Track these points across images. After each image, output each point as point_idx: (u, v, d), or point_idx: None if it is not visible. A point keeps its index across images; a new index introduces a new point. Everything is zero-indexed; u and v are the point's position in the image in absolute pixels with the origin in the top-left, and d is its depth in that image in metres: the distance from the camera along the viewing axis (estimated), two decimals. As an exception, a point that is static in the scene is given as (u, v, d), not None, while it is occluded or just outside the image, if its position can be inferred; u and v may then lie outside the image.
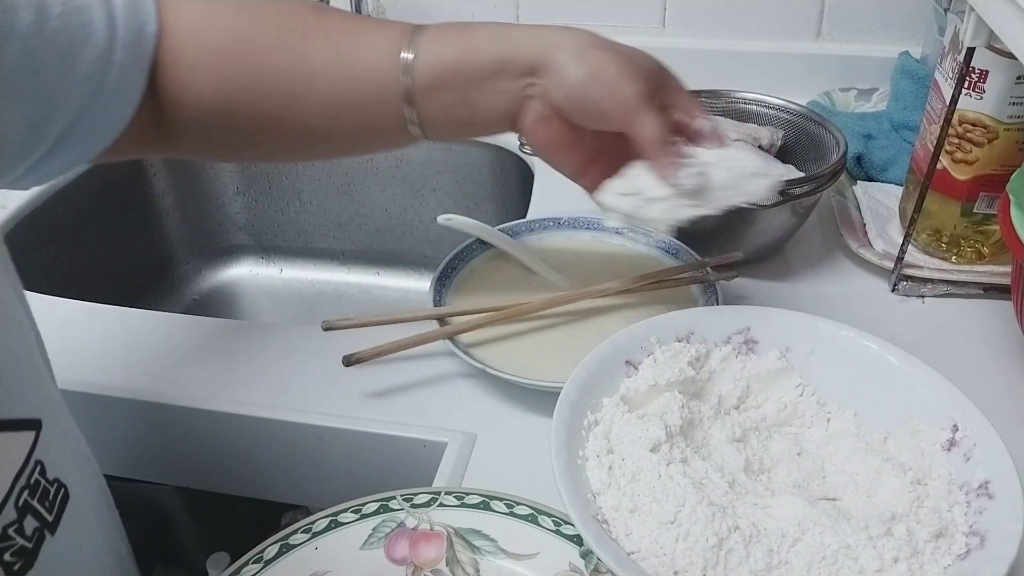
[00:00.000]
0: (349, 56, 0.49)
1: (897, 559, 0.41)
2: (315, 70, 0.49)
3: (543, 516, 0.47)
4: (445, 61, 0.49)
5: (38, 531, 0.37)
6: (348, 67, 0.49)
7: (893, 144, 0.83)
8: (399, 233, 1.09)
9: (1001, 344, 0.64)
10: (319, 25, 0.49)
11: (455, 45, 0.49)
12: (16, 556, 0.36)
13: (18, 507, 0.36)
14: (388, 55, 0.49)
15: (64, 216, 0.92)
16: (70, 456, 0.42)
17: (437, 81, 0.49)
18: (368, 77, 0.49)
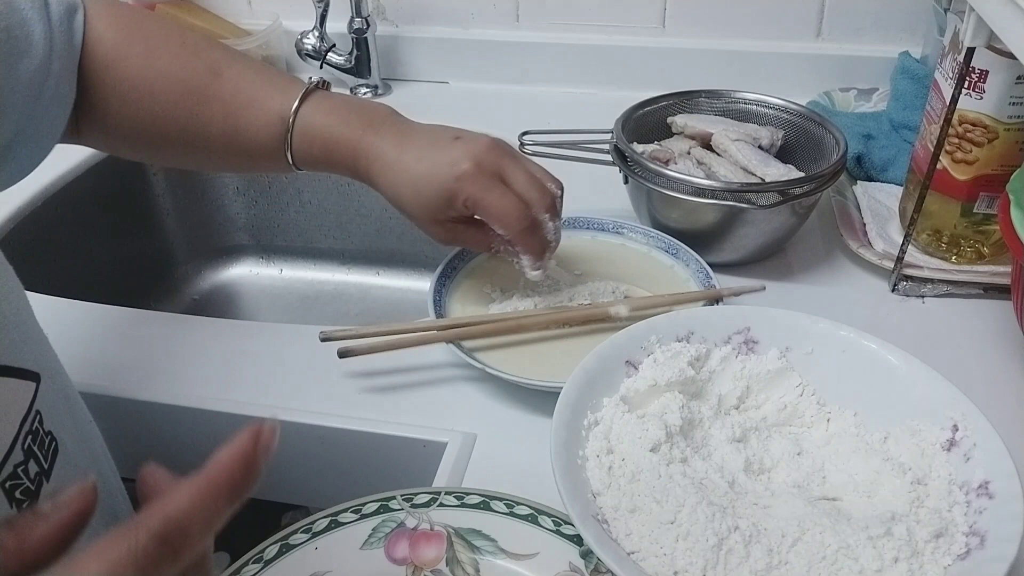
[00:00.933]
0: (239, 130, 0.56)
1: (897, 559, 0.41)
2: (210, 134, 0.56)
3: (543, 516, 0.47)
4: (316, 155, 0.57)
5: (38, 476, 0.41)
6: (238, 140, 0.57)
7: (893, 144, 0.83)
8: (399, 233, 1.09)
9: (1001, 344, 0.64)
10: (215, 92, 0.56)
11: (320, 147, 0.57)
12: (24, 496, 0.39)
13: (24, 449, 0.40)
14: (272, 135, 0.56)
15: (64, 216, 0.92)
16: (67, 415, 0.45)
17: (311, 160, 0.58)
18: (256, 147, 0.57)
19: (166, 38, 0.56)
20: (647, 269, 0.70)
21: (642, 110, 0.78)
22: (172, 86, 0.55)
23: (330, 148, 0.56)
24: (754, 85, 0.81)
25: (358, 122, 0.56)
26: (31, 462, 0.40)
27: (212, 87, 0.55)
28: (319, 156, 0.57)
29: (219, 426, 0.61)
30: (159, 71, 0.55)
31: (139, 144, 0.58)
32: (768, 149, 0.75)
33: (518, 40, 1.06)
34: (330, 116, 0.56)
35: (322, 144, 0.56)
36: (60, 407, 0.44)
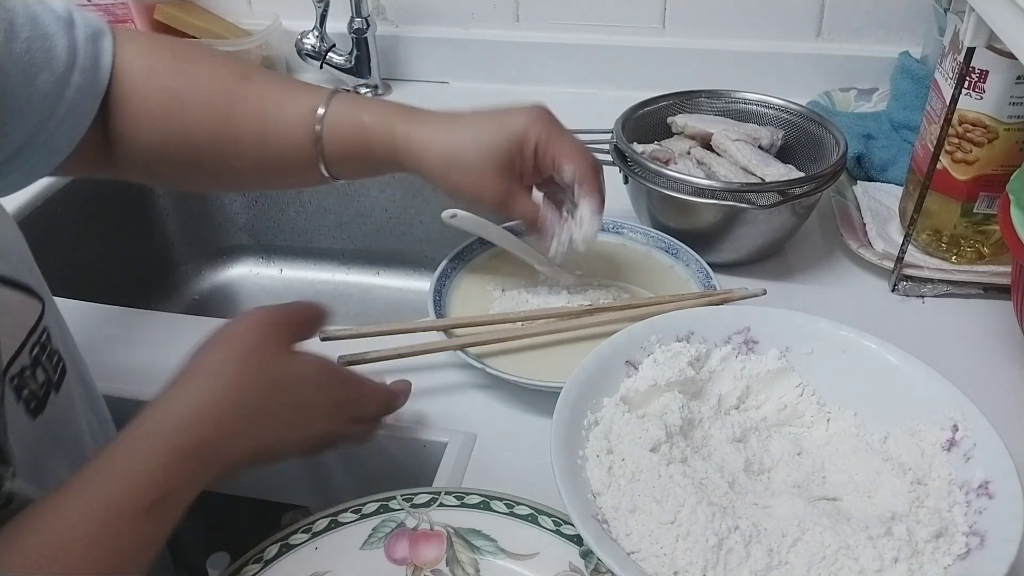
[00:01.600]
0: (270, 128, 0.56)
1: (897, 559, 0.41)
2: (241, 133, 0.56)
3: (543, 516, 0.47)
4: (347, 147, 0.57)
5: (45, 385, 0.45)
6: (270, 139, 0.56)
7: (893, 144, 0.83)
8: (399, 233, 1.09)
9: (1001, 344, 0.64)
10: (245, 93, 0.56)
11: (353, 136, 0.56)
12: (32, 397, 0.43)
13: (32, 356, 0.43)
14: (303, 130, 0.56)
15: (64, 216, 0.92)
16: (72, 347, 0.49)
17: (343, 157, 0.57)
18: (287, 146, 0.57)
19: (195, 53, 0.57)
20: (647, 269, 0.70)
21: (642, 110, 0.78)
22: (202, 93, 0.56)
23: (366, 136, 0.56)
24: (754, 85, 0.81)
25: (393, 112, 0.57)
26: (38, 370, 0.44)
27: (242, 90, 0.56)
28: (353, 148, 0.56)
29: (219, 426, 0.61)
30: (189, 80, 0.56)
31: (171, 163, 0.58)
32: (768, 149, 0.75)
33: (518, 40, 1.06)
34: (362, 109, 0.56)
35: (356, 134, 0.56)
36: (66, 336, 0.48)
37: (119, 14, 1.06)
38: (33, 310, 0.44)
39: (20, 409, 0.42)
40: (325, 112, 0.55)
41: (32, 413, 0.43)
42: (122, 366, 0.65)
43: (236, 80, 0.56)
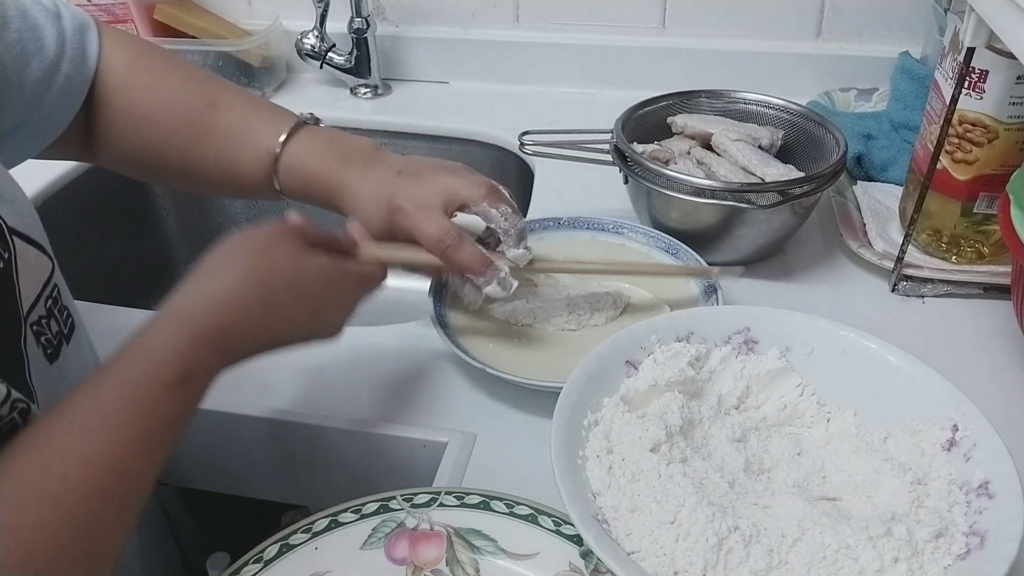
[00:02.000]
0: (233, 161, 0.60)
1: (897, 559, 0.41)
2: (206, 161, 0.60)
3: (543, 516, 0.47)
4: (299, 190, 0.61)
5: (59, 335, 0.48)
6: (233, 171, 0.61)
7: (893, 144, 0.83)
8: (399, 233, 1.09)
9: (1001, 344, 0.64)
10: (212, 124, 0.60)
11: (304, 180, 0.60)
12: (47, 344, 0.46)
13: (46, 308, 0.46)
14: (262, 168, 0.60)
15: (64, 216, 0.92)
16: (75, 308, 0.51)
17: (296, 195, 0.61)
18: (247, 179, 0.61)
19: (171, 70, 0.61)
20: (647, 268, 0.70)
21: (642, 110, 0.78)
22: (173, 117, 0.59)
23: (310, 183, 0.60)
24: (754, 85, 0.81)
25: (334, 160, 0.60)
26: (52, 321, 0.47)
27: (209, 120, 0.60)
28: (302, 190, 0.61)
29: (219, 426, 0.61)
30: (162, 102, 0.59)
31: (144, 168, 0.62)
32: (768, 149, 0.75)
33: (518, 40, 1.06)
34: (310, 155, 0.60)
35: (303, 180, 0.60)
36: (70, 299, 0.51)
37: (119, 14, 1.06)
38: (46, 266, 0.47)
39: (39, 353, 0.45)
40: (279, 155, 0.60)
41: (49, 359, 0.46)
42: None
43: (204, 109, 0.60)
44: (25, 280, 0.44)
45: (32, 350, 0.45)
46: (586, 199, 0.80)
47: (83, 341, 0.52)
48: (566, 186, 0.84)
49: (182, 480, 0.67)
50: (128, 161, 0.62)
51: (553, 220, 0.73)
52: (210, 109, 0.60)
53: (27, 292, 0.45)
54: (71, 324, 0.50)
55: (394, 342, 0.66)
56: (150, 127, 0.59)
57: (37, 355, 0.45)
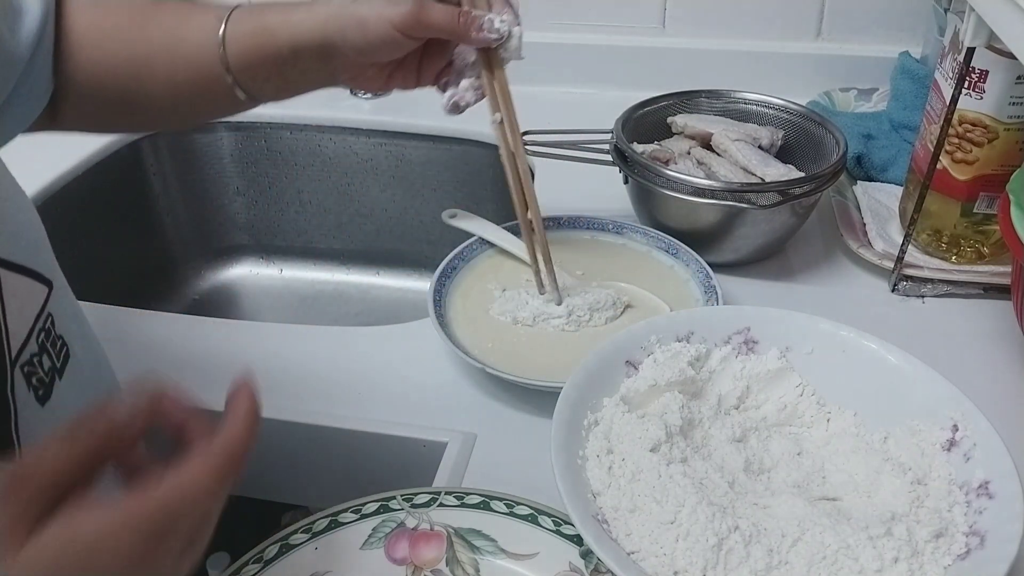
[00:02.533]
0: (178, 42, 0.56)
1: (897, 559, 0.41)
2: (152, 54, 0.56)
3: (543, 516, 0.47)
4: (248, 45, 0.55)
5: (51, 371, 0.45)
6: (179, 52, 0.56)
7: (893, 144, 0.83)
8: (399, 233, 1.09)
9: (1001, 344, 0.64)
10: (154, 15, 0.57)
11: (252, 28, 0.55)
12: (39, 384, 0.44)
13: (38, 343, 0.44)
14: (208, 38, 0.55)
15: (64, 216, 0.92)
16: (75, 326, 0.49)
17: (247, 61, 0.55)
18: (195, 58, 0.56)
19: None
20: (647, 269, 0.70)
21: (642, 110, 0.78)
22: (118, 18, 0.57)
23: (267, 23, 0.55)
24: (754, 85, 0.81)
25: (285, 5, 0.57)
26: (44, 357, 0.45)
27: (154, 9, 0.57)
28: (256, 42, 0.55)
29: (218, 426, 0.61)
30: (104, 9, 0.57)
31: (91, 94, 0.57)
32: (768, 149, 0.75)
33: (518, 40, 1.05)
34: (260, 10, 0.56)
35: (257, 24, 0.55)
36: (69, 317, 0.48)
37: (119, 14, 1.06)
38: (40, 294, 0.45)
39: (30, 397, 0.43)
40: (230, 12, 0.56)
41: (40, 400, 0.44)
42: (122, 366, 0.65)
43: (148, 4, 0.58)
44: (15, 316, 0.42)
45: (21, 395, 0.42)
46: (586, 199, 0.80)
47: (81, 371, 0.49)
48: (566, 186, 0.84)
49: (182, 480, 0.67)
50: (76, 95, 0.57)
51: (553, 220, 0.73)
52: (152, 5, 0.58)
53: (17, 330, 0.42)
54: (65, 354, 0.47)
55: (394, 342, 0.66)
56: (99, 36, 0.56)
57: (27, 400, 0.42)
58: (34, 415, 0.43)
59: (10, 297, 0.41)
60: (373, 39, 0.53)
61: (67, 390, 0.46)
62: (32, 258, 0.44)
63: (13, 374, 0.41)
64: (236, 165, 1.08)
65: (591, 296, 0.65)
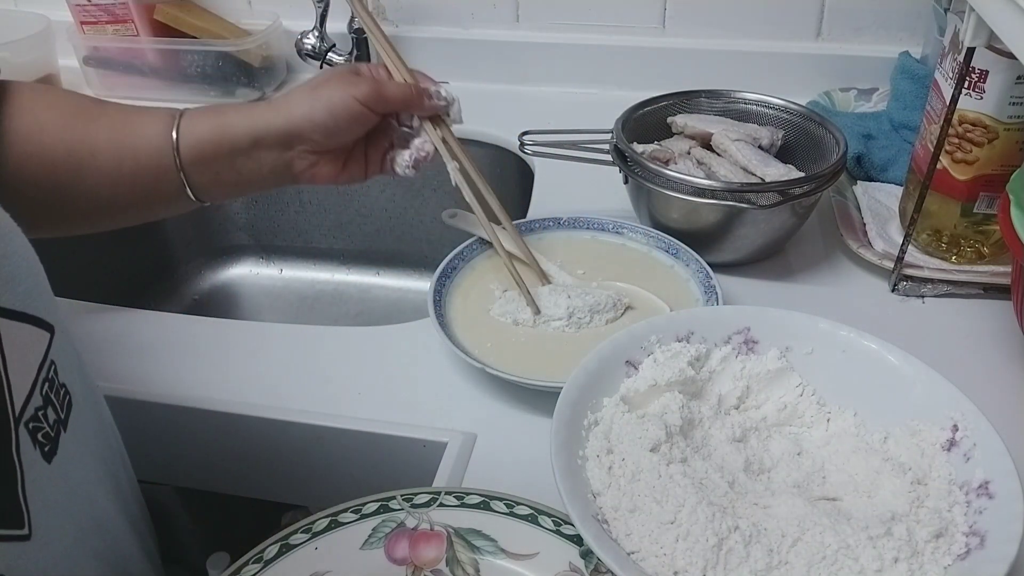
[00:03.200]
0: (127, 136, 0.57)
1: (897, 559, 0.41)
2: (98, 147, 0.57)
3: (543, 516, 0.47)
4: (205, 138, 0.57)
5: (56, 423, 0.43)
6: (126, 145, 0.57)
7: (893, 144, 0.83)
8: (399, 233, 1.09)
9: (1001, 344, 0.64)
10: (101, 112, 0.58)
11: (210, 123, 0.58)
12: (45, 440, 0.41)
13: (43, 395, 0.42)
14: (160, 132, 0.57)
15: (64, 216, 0.91)
16: (77, 372, 0.47)
17: (201, 154, 0.58)
18: (144, 152, 0.57)
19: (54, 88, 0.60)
20: (647, 269, 0.70)
21: (642, 110, 0.78)
22: (61, 112, 0.57)
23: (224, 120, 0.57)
24: (754, 85, 0.81)
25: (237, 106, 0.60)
26: (49, 409, 0.42)
27: (97, 109, 0.58)
28: (211, 139, 0.57)
29: (219, 426, 0.61)
30: (47, 103, 0.57)
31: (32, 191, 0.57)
32: (768, 149, 0.75)
33: (518, 40, 1.06)
34: (210, 111, 0.59)
35: (214, 122, 0.57)
36: (71, 362, 0.47)
37: (119, 14, 1.06)
38: (42, 341, 0.43)
39: (36, 455, 0.40)
40: (182, 112, 0.58)
41: (47, 457, 0.42)
42: (122, 366, 0.65)
43: (90, 103, 0.59)
44: (17, 369, 0.39)
45: (27, 455, 0.39)
46: (586, 199, 0.80)
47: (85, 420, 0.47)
48: (566, 186, 0.84)
49: (182, 480, 0.67)
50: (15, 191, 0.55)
51: (553, 220, 0.74)
52: (96, 103, 0.59)
53: (20, 384, 0.40)
54: (68, 403, 0.45)
55: (394, 342, 0.66)
56: (37, 130, 0.55)
57: (33, 459, 0.40)
58: (42, 474, 0.41)
59: (11, 349, 0.39)
60: (340, 116, 0.58)
61: (72, 441, 0.44)
62: (32, 302, 0.42)
63: (18, 433, 0.39)
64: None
65: (591, 298, 0.64)
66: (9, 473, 0.38)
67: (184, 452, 0.64)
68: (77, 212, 0.60)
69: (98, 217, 0.62)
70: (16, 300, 0.40)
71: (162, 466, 0.66)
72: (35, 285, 0.43)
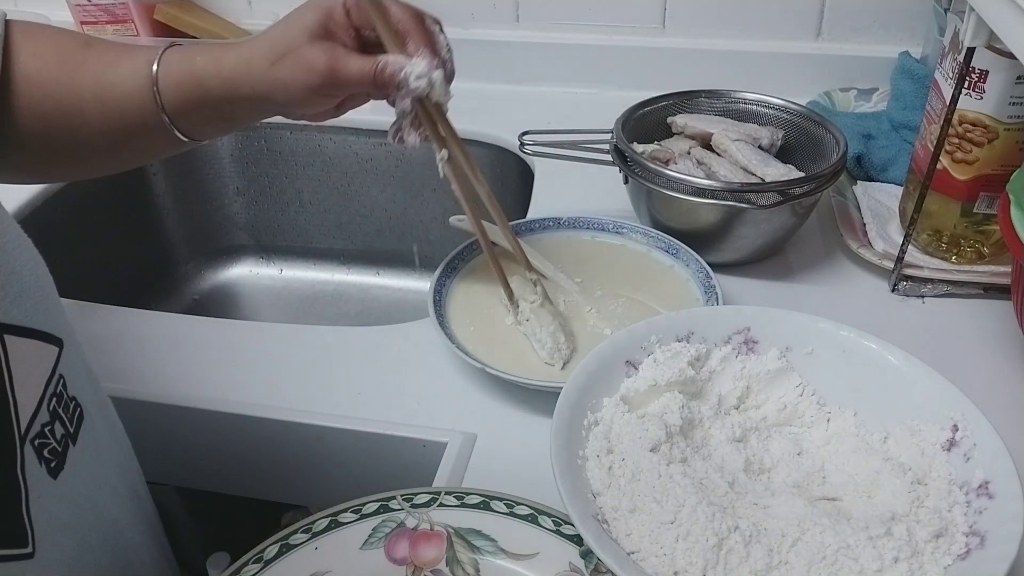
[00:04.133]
0: (108, 92, 0.55)
1: (897, 559, 0.41)
2: (83, 102, 0.55)
3: (543, 516, 0.47)
4: (183, 94, 0.55)
5: (64, 438, 0.42)
6: (110, 101, 0.55)
7: (893, 144, 0.83)
8: (399, 233, 1.09)
9: (1001, 344, 0.64)
10: (83, 60, 0.56)
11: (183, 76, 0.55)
12: (52, 455, 0.41)
13: (50, 411, 0.41)
14: (141, 85, 0.55)
15: (64, 216, 0.92)
16: (87, 384, 0.47)
17: (183, 104, 0.55)
18: (128, 109, 0.55)
19: (40, 27, 0.57)
20: (647, 269, 0.70)
21: (642, 110, 0.78)
22: (46, 64, 0.55)
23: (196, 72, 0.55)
24: (754, 85, 0.81)
25: (224, 46, 0.57)
26: (56, 424, 0.42)
27: (82, 56, 0.56)
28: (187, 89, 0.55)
29: (219, 426, 0.61)
30: (32, 53, 0.55)
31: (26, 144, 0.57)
32: (768, 149, 0.75)
33: (518, 40, 1.06)
34: (195, 52, 0.56)
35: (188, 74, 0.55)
36: (81, 375, 0.46)
37: (119, 14, 1.06)
38: (50, 356, 0.42)
39: (42, 471, 0.40)
40: (159, 59, 0.55)
41: (52, 473, 0.41)
42: (122, 366, 0.65)
43: (76, 47, 0.56)
44: (23, 385, 0.39)
45: (32, 472, 0.39)
46: (586, 199, 0.80)
47: (96, 432, 0.47)
48: (566, 186, 0.84)
49: (182, 480, 0.67)
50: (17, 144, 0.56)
51: (553, 220, 0.74)
52: (83, 46, 0.56)
53: (26, 402, 0.39)
54: (79, 416, 0.44)
55: (394, 342, 0.66)
56: (26, 85, 0.54)
57: (38, 476, 0.40)
58: (47, 491, 0.40)
59: (17, 366, 0.39)
60: (297, 99, 0.54)
61: (81, 456, 0.44)
62: (41, 317, 0.42)
63: (23, 450, 0.39)
64: (236, 165, 1.08)
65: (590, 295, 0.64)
66: (13, 492, 0.38)
67: (184, 452, 0.64)
68: (81, 159, 0.60)
69: (105, 162, 0.61)
70: (24, 316, 0.40)
71: (162, 466, 0.66)
72: (43, 299, 0.42)
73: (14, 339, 0.39)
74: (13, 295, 0.39)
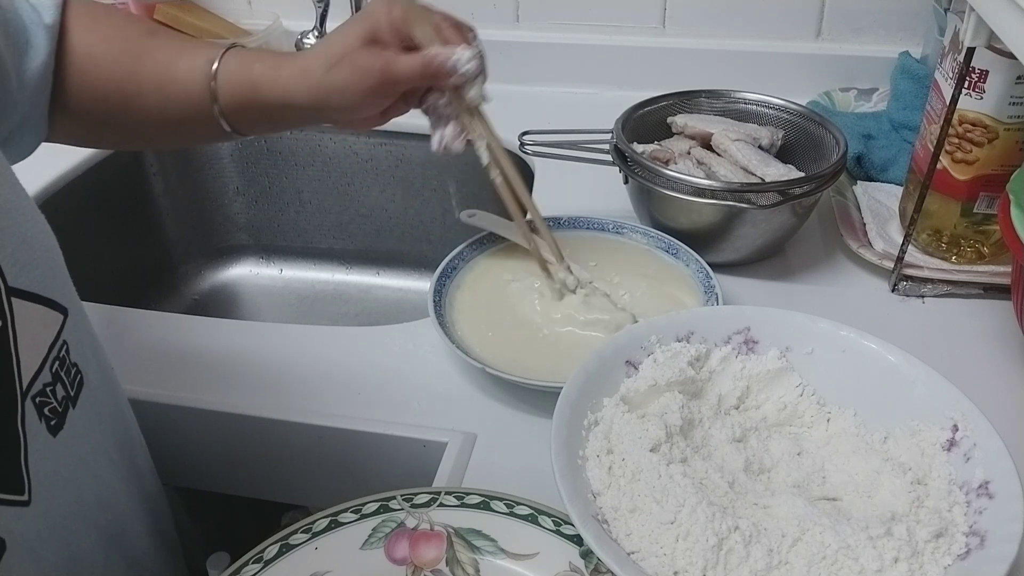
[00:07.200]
0: (169, 85, 0.58)
1: (897, 559, 0.41)
2: (143, 89, 0.58)
3: (543, 516, 0.47)
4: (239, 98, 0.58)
5: (65, 400, 0.45)
6: (170, 94, 0.59)
7: (893, 144, 0.83)
8: (399, 233, 1.09)
9: (1001, 344, 0.64)
10: (146, 51, 0.59)
11: (240, 80, 0.58)
12: (52, 414, 0.43)
13: (52, 373, 0.44)
14: (200, 77, 0.58)
15: (64, 216, 0.91)
16: (90, 353, 0.49)
17: (236, 106, 0.58)
18: (186, 103, 0.59)
19: (107, 11, 0.60)
20: (647, 268, 0.70)
21: (642, 110, 0.78)
22: (110, 48, 0.58)
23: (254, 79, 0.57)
24: (754, 85, 0.81)
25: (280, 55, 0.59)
26: (58, 385, 0.44)
27: (146, 45, 0.59)
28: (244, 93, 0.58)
29: (219, 426, 0.61)
30: (100, 36, 0.58)
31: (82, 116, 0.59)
32: (768, 149, 0.75)
33: (518, 40, 1.06)
34: (254, 58, 0.59)
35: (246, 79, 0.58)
36: (85, 343, 0.48)
37: (119, 14, 1.06)
38: (55, 322, 0.45)
39: (41, 427, 0.42)
40: (219, 62, 0.58)
41: (52, 431, 0.44)
42: (122, 366, 0.65)
43: (141, 36, 0.59)
44: (27, 346, 0.41)
45: (32, 428, 0.42)
46: (586, 199, 0.80)
47: (97, 398, 0.49)
48: (566, 186, 0.84)
49: (182, 480, 0.67)
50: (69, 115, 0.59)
51: (553, 220, 0.73)
52: (148, 35, 0.59)
53: (29, 361, 0.42)
54: (79, 381, 0.47)
55: (394, 342, 0.66)
56: (90, 65, 0.57)
57: (38, 431, 0.42)
58: (45, 447, 0.43)
59: (22, 327, 0.41)
60: (354, 102, 0.57)
61: (81, 418, 0.46)
62: (48, 285, 0.44)
63: (24, 405, 0.41)
64: (236, 165, 1.08)
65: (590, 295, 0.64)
66: (12, 443, 0.40)
67: (184, 452, 0.64)
68: (133, 137, 0.65)
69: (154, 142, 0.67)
70: (32, 282, 0.42)
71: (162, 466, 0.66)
72: (51, 270, 0.45)
73: (21, 302, 0.41)
74: (23, 262, 0.42)
